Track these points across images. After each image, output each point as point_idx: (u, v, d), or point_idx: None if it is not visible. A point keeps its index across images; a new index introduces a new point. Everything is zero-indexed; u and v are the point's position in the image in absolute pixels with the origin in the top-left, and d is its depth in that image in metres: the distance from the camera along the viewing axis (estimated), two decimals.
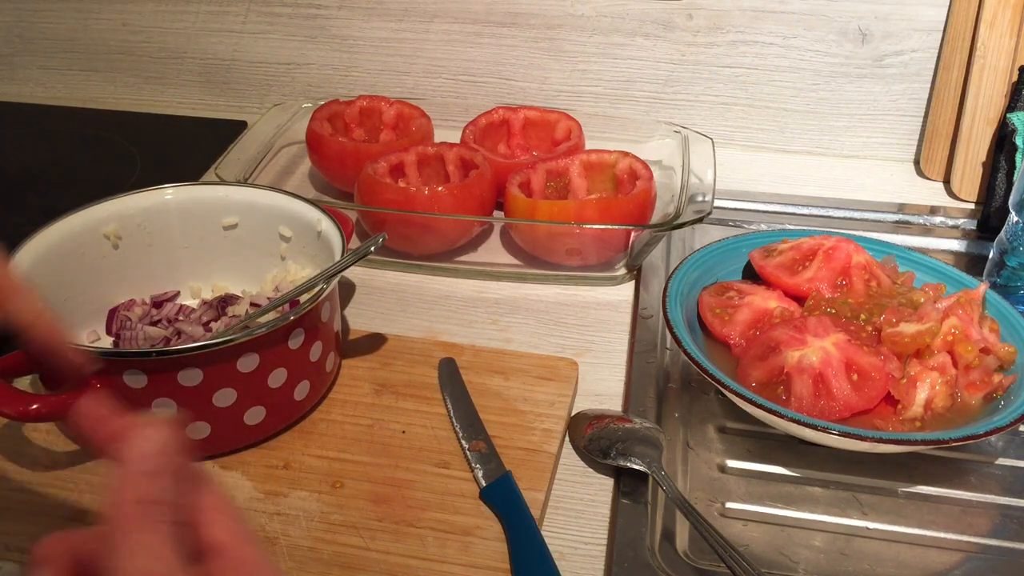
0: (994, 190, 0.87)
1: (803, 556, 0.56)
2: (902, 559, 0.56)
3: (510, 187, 0.81)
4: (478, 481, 0.58)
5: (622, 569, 0.53)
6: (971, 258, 0.86)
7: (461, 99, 1.07)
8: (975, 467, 0.62)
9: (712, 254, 0.75)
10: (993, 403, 0.62)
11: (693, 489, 0.60)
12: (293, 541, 0.54)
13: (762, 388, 0.63)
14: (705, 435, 0.65)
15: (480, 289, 0.80)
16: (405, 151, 0.87)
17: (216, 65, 1.12)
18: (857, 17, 0.95)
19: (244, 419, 0.59)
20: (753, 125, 1.03)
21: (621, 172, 0.84)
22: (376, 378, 0.67)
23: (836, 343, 0.62)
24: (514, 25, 1.03)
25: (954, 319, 0.64)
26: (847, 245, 0.72)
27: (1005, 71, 0.89)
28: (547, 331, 0.75)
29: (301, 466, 0.60)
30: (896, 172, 1.00)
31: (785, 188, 0.95)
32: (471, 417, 0.63)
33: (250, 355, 0.57)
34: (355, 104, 0.95)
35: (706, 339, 0.69)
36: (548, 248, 0.81)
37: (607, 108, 1.05)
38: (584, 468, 0.62)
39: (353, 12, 1.05)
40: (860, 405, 0.61)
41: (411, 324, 0.75)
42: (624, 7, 0.99)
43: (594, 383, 0.69)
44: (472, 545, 0.54)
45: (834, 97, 1.00)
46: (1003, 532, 0.58)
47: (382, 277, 0.82)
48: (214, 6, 1.08)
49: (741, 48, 0.99)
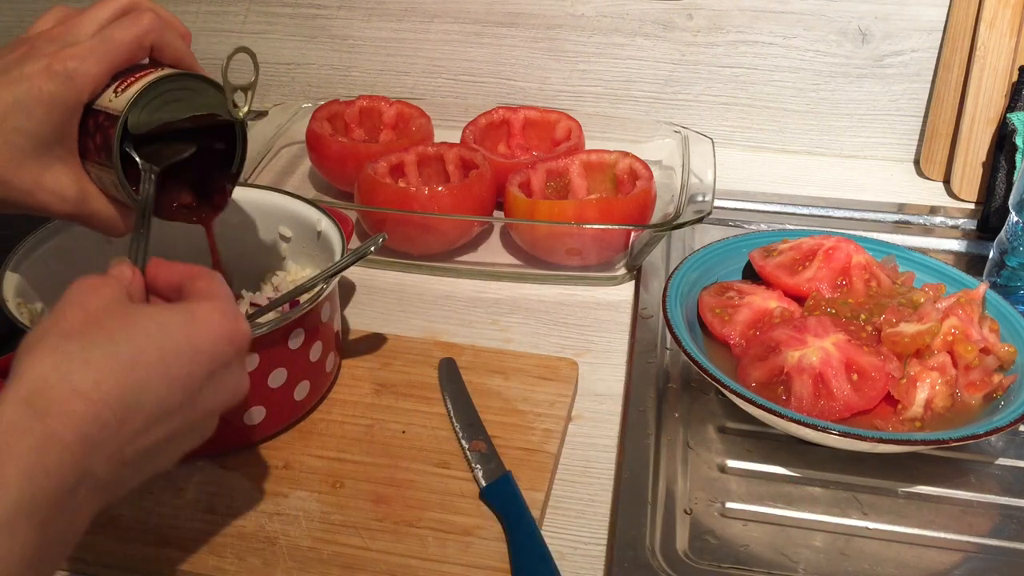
0: (994, 190, 0.87)
1: (803, 556, 0.56)
2: (902, 559, 0.56)
3: (510, 187, 0.81)
4: (478, 481, 0.58)
5: (622, 569, 0.53)
6: (971, 258, 0.86)
7: (461, 99, 1.07)
8: (975, 467, 0.62)
9: (712, 254, 0.75)
10: (993, 403, 0.62)
11: (693, 489, 0.60)
12: (293, 541, 0.54)
13: (762, 388, 0.63)
14: (705, 435, 0.65)
15: (480, 289, 0.80)
16: (405, 151, 0.87)
17: (216, 65, 1.12)
18: (857, 17, 0.95)
19: (244, 419, 0.59)
20: (753, 125, 1.03)
21: (621, 172, 0.84)
22: (376, 378, 0.67)
23: (836, 343, 0.62)
24: (514, 25, 1.03)
25: (954, 319, 0.64)
26: (847, 245, 0.72)
27: (1005, 71, 0.89)
28: (547, 331, 0.75)
29: (301, 466, 0.60)
30: (896, 172, 1.00)
31: (785, 188, 0.95)
32: (471, 417, 0.63)
33: (250, 355, 0.57)
34: (355, 104, 0.95)
35: (706, 339, 0.69)
36: (548, 248, 0.81)
37: (607, 108, 1.05)
38: (584, 468, 0.62)
39: (353, 12, 1.05)
40: (860, 405, 0.61)
41: (411, 324, 0.75)
42: (624, 7, 0.99)
43: (594, 383, 0.69)
44: (472, 545, 0.54)
45: (834, 97, 1.00)
46: (1003, 532, 0.58)
47: (382, 277, 0.82)
48: (214, 6, 1.08)
49: (741, 48, 0.99)
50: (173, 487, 0.58)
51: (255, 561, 0.53)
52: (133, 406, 0.39)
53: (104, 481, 0.38)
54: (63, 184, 0.52)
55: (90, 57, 0.50)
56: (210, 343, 0.42)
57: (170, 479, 0.58)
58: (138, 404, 0.39)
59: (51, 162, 0.51)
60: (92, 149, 0.52)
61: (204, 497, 0.57)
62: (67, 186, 0.52)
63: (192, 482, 0.58)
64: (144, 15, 0.52)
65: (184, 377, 0.41)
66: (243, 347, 0.45)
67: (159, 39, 0.53)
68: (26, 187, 0.51)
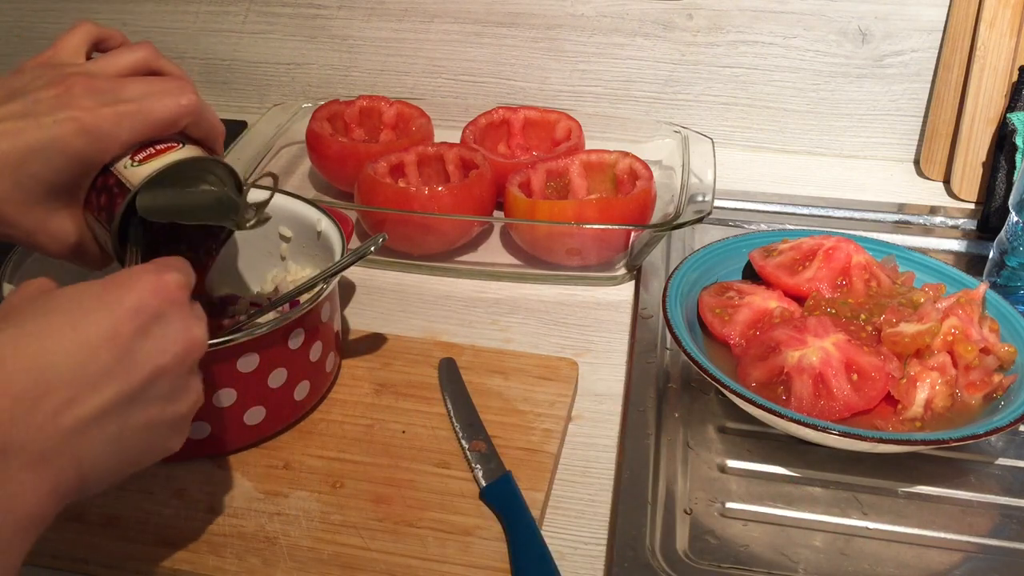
0: (994, 190, 0.87)
1: (803, 556, 0.56)
2: (902, 559, 0.56)
3: (510, 187, 0.81)
4: (478, 481, 0.58)
5: (622, 569, 0.53)
6: (971, 258, 0.86)
7: (461, 99, 1.07)
8: (975, 467, 0.62)
9: (712, 254, 0.75)
10: (993, 403, 0.62)
11: (693, 489, 0.60)
12: (293, 541, 0.54)
13: (762, 388, 0.63)
14: (705, 435, 0.65)
15: (480, 289, 0.80)
16: (405, 151, 0.87)
17: (216, 65, 1.12)
18: (857, 17, 0.95)
19: (244, 419, 0.59)
20: (753, 125, 1.03)
21: (621, 172, 0.84)
22: (376, 378, 0.67)
23: (836, 343, 0.62)
24: (514, 25, 1.03)
25: (954, 319, 0.64)
26: (847, 245, 0.72)
27: (1005, 71, 0.89)
28: (547, 331, 0.75)
29: (301, 466, 0.60)
30: (896, 172, 1.00)
31: (785, 188, 0.95)
32: (471, 417, 0.63)
33: (250, 355, 0.57)
34: (355, 104, 0.95)
35: (706, 339, 0.69)
36: (548, 248, 0.81)
37: (607, 108, 1.05)
38: (584, 468, 0.62)
39: (353, 12, 1.05)
40: (860, 405, 0.61)
41: (411, 324, 0.75)
42: (624, 7, 0.99)
43: (594, 383, 0.69)
44: (472, 545, 0.54)
45: (834, 97, 1.00)
46: (1003, 532, 0.58)
47: (382, 277, 0.82)
48: (214, 6, 1.08)
49: (741, 48, 0.99)
50: (173, 487, 0.58)
51: (255, 561, 0.53)
52: (47, 375, 0.38)
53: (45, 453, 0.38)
54: (65, 230, 0.52)
55: (125, 123, 0.50)
56: (131, 299, 0.42)
57: (170, 479, 0.58)
58: (53, 371, 0.39)
59: (58, 208, 0.51)
60: (94, 204, 0.52)
61: (204, 497, 0.57)
62: (69, 233, 0.52)
63: (192, 482, 0.58)
64: (185, 95, 0.52)
65: (104, 339, 0.40)
66: (173, 297, 0.44)
67: (194, 122, 0.53)
68: (29, 229, 0.51)
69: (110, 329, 0.41)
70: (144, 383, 0.42)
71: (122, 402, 0.41)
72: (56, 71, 0.52)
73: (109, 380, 0.40)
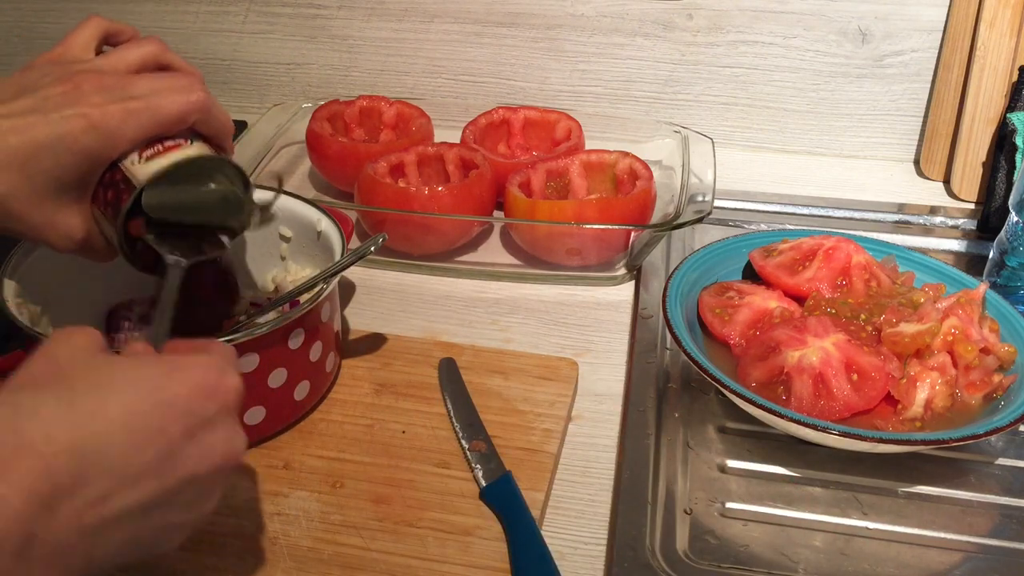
0: (994, 190, 0.87)
1: (803, 556, 0.56)
2: (902, 559, 0.56)
3: (510, 187, 0.81)
4: (478, 481, 0.58)
5: (622, 569, 0.53)
6: (971, 258, 0.86)
7: (461, 99, 1.07)
8: (975, 467, 0.62)
9: (712, 254, 0.75)
10: (993, 403, 0.62)
11: (693, 489, 0.60)
12: (293, 541, 0.54)
13: (762, 388, 0.63)
14: (705, 435, 0.65)
15: (480, 289, 0.80)
16: (405, 151, 0.87)
17: (216, 65, 1.12)
18: (857, 17, 0.95)
19: (244, 419, 0.59)
20: (753, 125, 1.03)
21: (621, 172, 0.84)
22: (376, 378, 0.67)
23: (836, 343, 0.62)
24: (514, 25, 1.03)
25: (954, 319, 0.64)
26: (847, 245, 0.72)
27: (1005, 71, 0.89)
28: (547, 331, 0.75)
29: (301, 466, 0.60)
30: (896, 172, 1.00)
31: (785, 188, 0.95)
32: (471, 417, 0.63)
33: (250, 355, 0.57)
34: (355, 104, 0.95)
35: (706, 339, 0.69)
36: (548, 248, 0.81)
37: (607, 108, 1.05)
38: (584, 468, 0.62)
39: (353, 12, 1.06)
40: (860, 405, 0.61)
41: (411, 324, 0.75)
42: (624, 7, 0.99)
43: (594, 383, 0.69)
44: (472, 545, 0.54)
45: (834, 97, 1.00)
46: (1003, 532, 0.58)
47: (382, 277, 0.82)
48: (214, 6, 1.08)
49: (741, 48, 0.99)
50: None
51: (255, 561, 0.53)
52: (91, 463, 0.35)
53: (63, 549, 0.35)
54: (73, 226, 0.52)
55: (133, 120, 0.50)
56: (184, 397, 0.39)
57: None
58: (97, 461, 0.35)
59: (66, 203, 0.51)
60: (101, 199, 0.52)
61: None
62: (76, 228, 0.52)
63: None
64: (194, 92, 0.52)
65: (153, 434, 0.37)
66: (228, 404, 0.41)
67: (202, 119, 0.53)
68: (37, 224, 0.51)
69: (160, 425, 0.38)
70: (177, 487, 0.39)
71: (151, 504, 0.38)
72: (65, 68, 0.52)
73: (148, 479, 0.37)
